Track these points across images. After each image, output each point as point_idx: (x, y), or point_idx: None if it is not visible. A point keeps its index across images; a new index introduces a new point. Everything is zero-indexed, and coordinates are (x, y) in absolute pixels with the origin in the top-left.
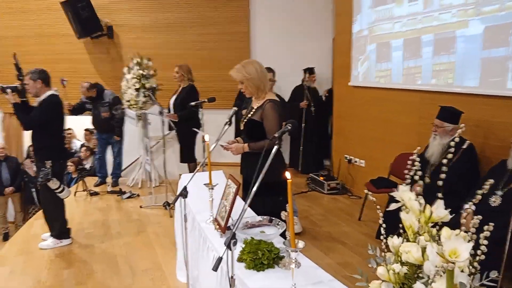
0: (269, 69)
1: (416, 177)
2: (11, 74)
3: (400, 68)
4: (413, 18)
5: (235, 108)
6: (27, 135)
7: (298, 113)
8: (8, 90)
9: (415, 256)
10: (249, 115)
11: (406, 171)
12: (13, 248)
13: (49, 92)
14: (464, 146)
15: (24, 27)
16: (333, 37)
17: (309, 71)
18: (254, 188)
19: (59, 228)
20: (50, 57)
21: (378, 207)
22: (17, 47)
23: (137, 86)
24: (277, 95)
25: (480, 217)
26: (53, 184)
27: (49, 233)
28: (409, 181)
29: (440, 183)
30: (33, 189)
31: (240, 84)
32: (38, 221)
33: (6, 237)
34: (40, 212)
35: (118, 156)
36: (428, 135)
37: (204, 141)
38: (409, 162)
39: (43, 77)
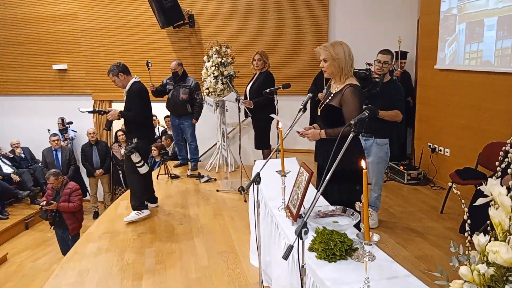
0: (388, 51)
1: (509, 170)
2: (103, 64)
3: (493, 49)
4: None
5: (310, 94)
6: (115, 121)
7: None
8: (108, 115)
9: (505, 258)
10: (327, 100)
11: (497, 163)
12: (101, 226)
13: (132, 81)
14: None
15: (111, 18)
16: (418, 17)
17: (401, 55)
18: (328, 177)
19: (138, 199)
20: (135, 47)
21: (462, 200)
22: (104, 38)
23: (216, 73)
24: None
25: None
26: (135, 157)
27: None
28: (499, 173)
29: None
30: (120, 172)
31: (322, 62)
32: (124, 201)
33: (96, 215)
34: (126, 193)
35: (192, 141)
36: None
37: (278, 127)
38: (501, 153)
39: (122, 70)
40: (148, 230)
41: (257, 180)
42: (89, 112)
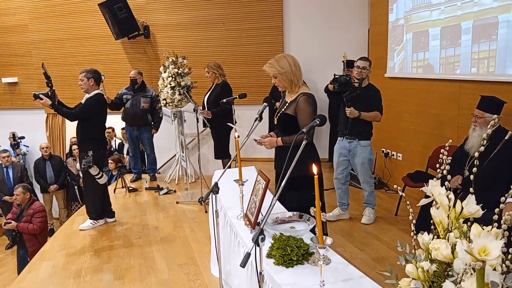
0: (366, 58)
1: (445, 172)
2: (56, 77)
3: (438, 57)
4: (453, 5)
5: (266, 104)
6: (69, 135)
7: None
8: (41, 96)
9: (444, 254)
10: (283, 109)
11: (437, 165)
12: (56, 243)
13: (96, 91)
14: (506, 137)
15: (64, 29)
16: (368, 28)
17: (348, 64)
18: (283, 184)
19: (95, 210)
20: (89, 59)
21: (408, 202)
22: (57, 49)
23: (173, 84)
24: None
25: (511, 213)
26: (94, 170)
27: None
28: (440, 175)
29: (471, 177)
30: (76, 187)
31: (273, 79)
32: (80, 217)
33: (51, 233)
34: (82, 209)
35: (152, 152)
36: (469, 126)
37: (235, 137)
38: (441, 155)
39: (96, 77)
40: (105, 246)
41: (215, 190)
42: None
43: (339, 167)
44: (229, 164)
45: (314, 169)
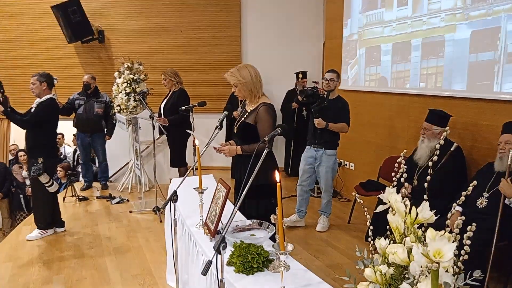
0: (334, 71)
1: (402, 179)
2: (3, 80)
3: (389, 72)
4: (403, 22)
5: (226, 112)
6: (15, 141)
7: (291, 115)
8: None
9: (401, 257)
10: (243, 118)
11: (393, 173)
12: (1, 254)
13: (48, 96)
14: (452, 149)
15: (14, 31)
16: (323, 42)
17: (301, 74)
18: (244, 192)
19: (44, 220)
20: (40, 62)
21: (365, 209)
22: (7, 51)
23: (128, 90)
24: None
25: (463, 218)
26: (44, 178)
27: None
28: (395, 183)
29: (426, 185)
30: (21, 195)
31: (233, 87)
32: (26, 227)
33: None
34: (28, 218)
35: (104, 160)
36: (417, 138)
37: (194, 145)
38: (396, 164)
39: (49, 81)
40: (55, 257)
41: (174, 198)
42: None
43: (304, 175)
44: (188, 172)
45: (277, 176)
